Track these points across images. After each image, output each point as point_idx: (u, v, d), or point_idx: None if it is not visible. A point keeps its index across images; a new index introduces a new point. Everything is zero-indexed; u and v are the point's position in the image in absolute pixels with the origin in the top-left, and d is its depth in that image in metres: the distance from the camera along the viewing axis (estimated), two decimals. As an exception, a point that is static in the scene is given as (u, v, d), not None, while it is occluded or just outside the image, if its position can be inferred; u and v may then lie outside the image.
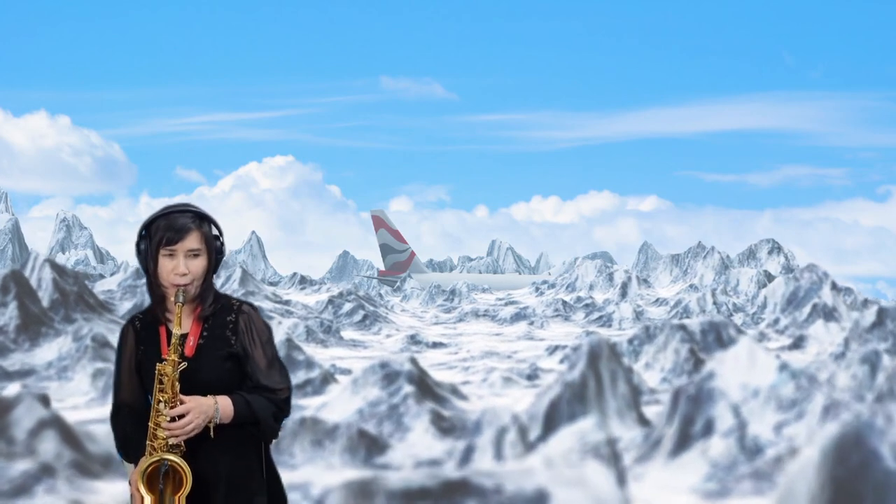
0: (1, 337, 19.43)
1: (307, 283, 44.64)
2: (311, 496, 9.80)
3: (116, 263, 58.37)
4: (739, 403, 11.11)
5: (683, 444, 11.04)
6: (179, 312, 3.67)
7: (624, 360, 14.80)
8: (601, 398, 12.32)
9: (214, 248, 3.79)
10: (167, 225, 3.72)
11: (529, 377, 19.61)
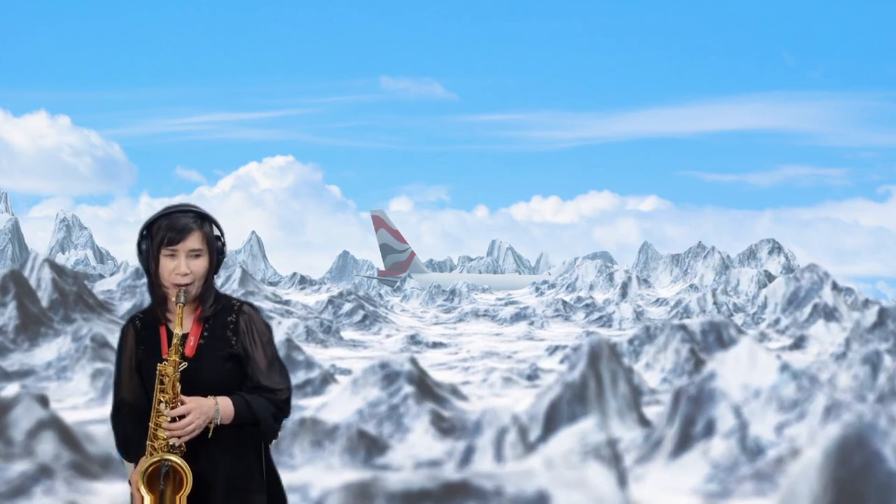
0: (0, 337, 19.41)
1: (307, 283, 44.61)
2: (310, 497, 9.78)
3: (116, 263, 58.37)
4: (740, 404, 11.09)
5: (684, 444, 11.02)
6: (181, 313, 3.67)
7: (624, 360, 14.78)
8: (601, 399, 12.29)
9: (216, 248, 3.78)
10: (169, 225, 3.71)
11: (529, 377, 19.58)
